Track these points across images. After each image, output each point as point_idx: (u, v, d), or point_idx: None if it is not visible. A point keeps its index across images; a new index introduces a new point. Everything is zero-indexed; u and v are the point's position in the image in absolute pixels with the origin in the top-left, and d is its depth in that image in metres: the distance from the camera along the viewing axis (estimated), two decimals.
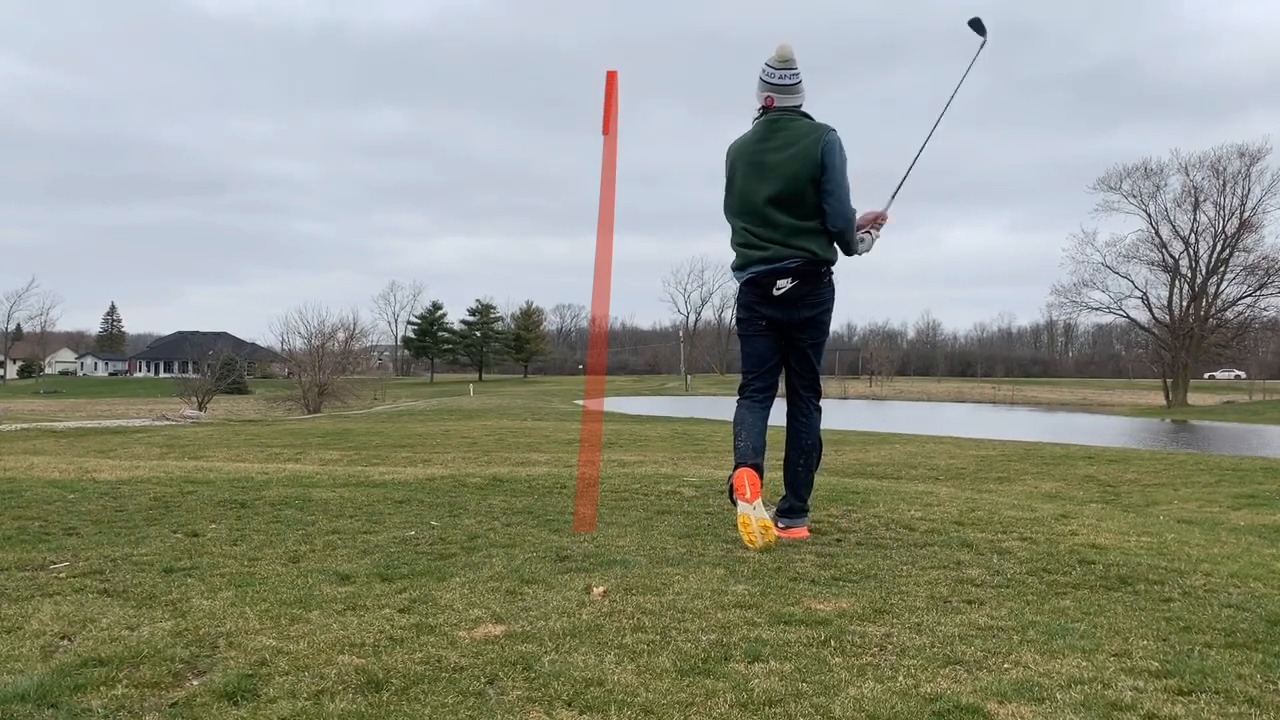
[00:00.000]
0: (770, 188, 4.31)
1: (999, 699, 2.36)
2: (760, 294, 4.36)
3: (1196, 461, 12.27)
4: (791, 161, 4.29)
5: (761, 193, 4.32)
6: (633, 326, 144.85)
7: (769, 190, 4.31)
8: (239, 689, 2.37)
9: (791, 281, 4.30)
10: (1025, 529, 4.78)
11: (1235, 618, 3.17)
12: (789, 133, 4.34)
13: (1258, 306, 61.59)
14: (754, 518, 4.08)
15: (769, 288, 4.33)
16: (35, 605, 3.12)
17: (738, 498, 4.18)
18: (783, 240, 4.29)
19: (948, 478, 10.49)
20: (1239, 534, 5.97)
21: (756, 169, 4.35)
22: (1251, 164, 59.43)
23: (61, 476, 6.89)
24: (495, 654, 2.65)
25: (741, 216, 4.41)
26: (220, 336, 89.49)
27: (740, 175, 4.40)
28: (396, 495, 5.77)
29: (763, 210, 4.32)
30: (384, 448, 15.14)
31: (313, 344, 43.15)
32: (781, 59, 4.37)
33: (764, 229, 4.32)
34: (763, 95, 4.41)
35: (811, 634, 2.85)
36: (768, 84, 4.39)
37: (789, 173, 4.28)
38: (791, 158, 4.29)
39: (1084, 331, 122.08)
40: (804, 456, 4.59)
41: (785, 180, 4.28)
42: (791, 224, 4.29)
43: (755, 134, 4.42)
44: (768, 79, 4.39)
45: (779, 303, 4.35)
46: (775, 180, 4.30)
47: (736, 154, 4.45)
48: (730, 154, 4.50)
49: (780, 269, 4.30)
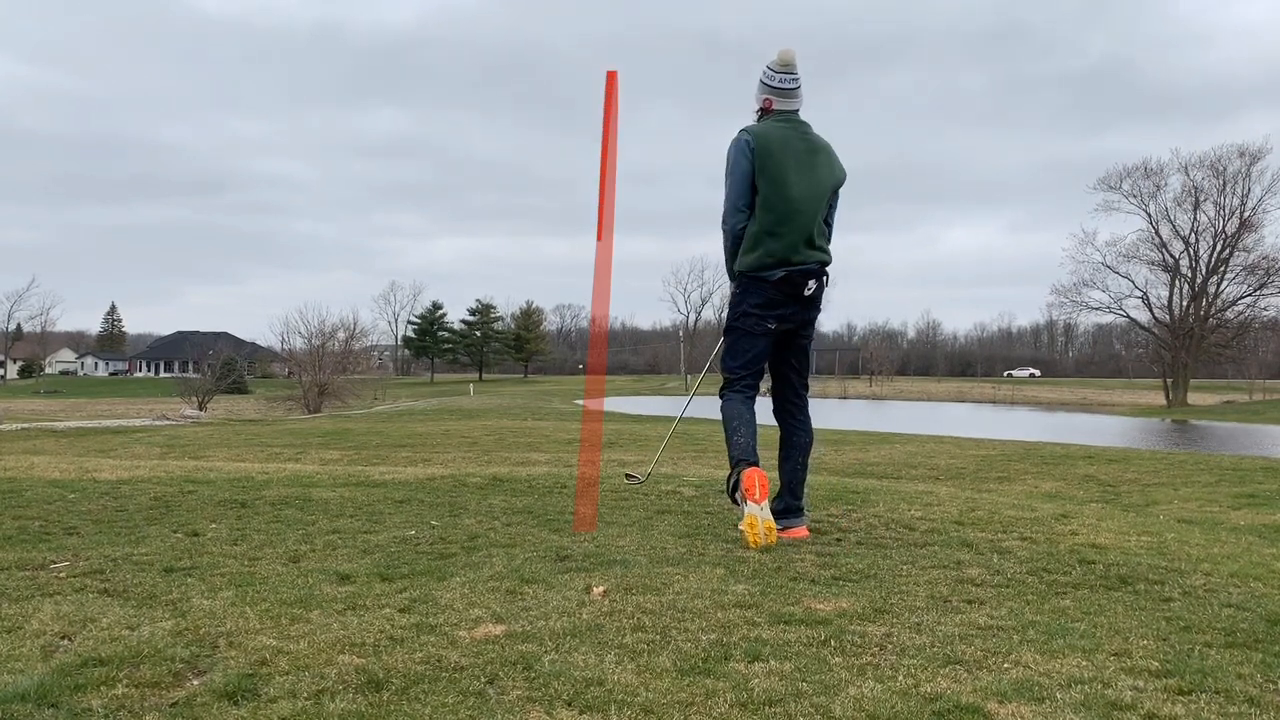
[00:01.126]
0: (818, 190, 4.40)
1: (999, 699, 2.36)
2: (790, 293, 4.38)
3: (1196, 461, 12.28)
4: (827, 169, 4.44)
5: (814, 195, 4.38)
6: (633, 326, 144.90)
7: (817, 192, 4.39)
8: (239, 689, 2.37)
9: (817, 282, 4.42)
10: (1025, 529, 4.78)
11: (1235, 618, 3.18)
12: (815, 140, 4.46)
13: (1258, 306, 61.58)
14: (761, 519, 4.09)
15: (801, 287, 4.38)
16: (35, 605, 3.12)
17: (747, 498, 4.14)
18: (818, 244, 4.41)
19: (948, 477, 10.50)
20: (1239, 534, 5.97)
21: (807, 170, 4.37)
22: (1252, 164, 59.40)
23: (62, 476, 6.89)
24: (495, 654, 2.65)
25: (789, 216, 4.33)
26: (220, 336, 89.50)
27: (792, 174, 4.34)
28: (396, 495, 5.77)
29: (812, 212, 4.38)
30: (384, 448, 15.14)
31: (313, 344, 43.16)
32: (784, 63, 4.41)
33: (809, 231, 4.37)
34: (762, 97, 4.45)
35: (811, 634, 2.86)
36: (769, 87, 4.42)
37: (826, 179, 4.43)
38: (826, 165, 4.43)
39: (1084, 331, 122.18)
40: (804, 455, 4.61)
41: (824, 186, 4.42)
42: (822, 228, 4.46)
43: (792, 134, 4.41)
44: (769, 82, 4.43)
45: (805, 303, 4.44)
46: (818, 184, 4.40)
47: (779, 150, 4.33)
48: (763, 146, 4.32)
49: (811, 270, 4.39)
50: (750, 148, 4.34)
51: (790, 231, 4.33)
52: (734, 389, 4.48)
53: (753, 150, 4.33)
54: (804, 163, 4.37)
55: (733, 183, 4.38)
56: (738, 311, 4.49)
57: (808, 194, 4.35)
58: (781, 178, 4.32)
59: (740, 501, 4.23)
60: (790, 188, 4.32)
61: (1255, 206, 60.21)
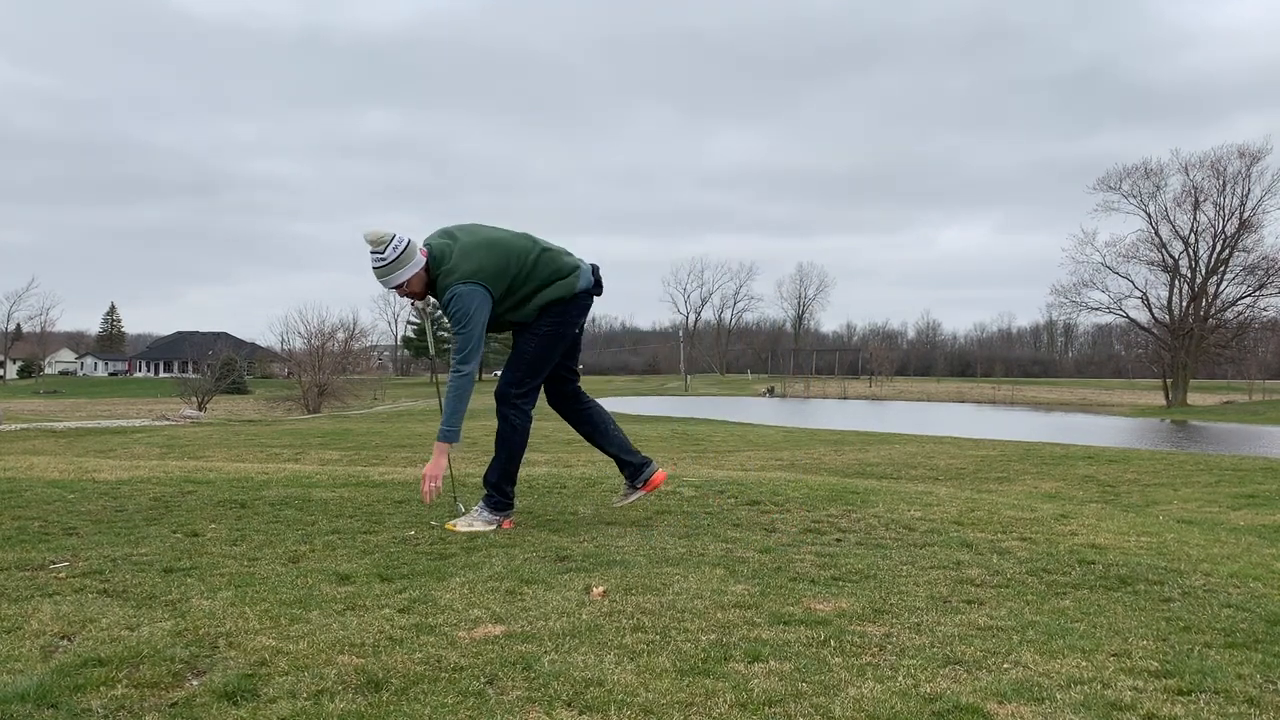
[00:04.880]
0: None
1: (999, 699, 2.37)
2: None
3: (1196, 461, 12.28)
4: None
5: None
6: (633, 327, 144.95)
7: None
8: (239, 689, 2.37)
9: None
10: (1025, 529, 4.78)
11: (1235, 618, 3.18)
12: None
13: (1257, 306, 61.55)
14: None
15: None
16: (35, 605, 3.12)
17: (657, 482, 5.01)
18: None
19: (948, 478, 10.49)
20: (1239, 534, 5.98)
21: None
22: (1251, 164, 59.40)
23: (61, 476, 6.88)
24: (495, 654, 2.65)
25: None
26: (220, 336, 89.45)
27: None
28: (396, 495, 5.77)
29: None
30: (384, 448, 15.13)
31: (312, 344, 43.08)
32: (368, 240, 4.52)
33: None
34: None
35: (811, 634, 2.86)
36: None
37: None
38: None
39: (1084, 332, 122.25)
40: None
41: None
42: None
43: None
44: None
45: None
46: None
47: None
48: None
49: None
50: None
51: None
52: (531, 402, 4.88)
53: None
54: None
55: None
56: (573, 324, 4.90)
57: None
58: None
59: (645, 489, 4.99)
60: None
61: (1255, 207, 60.26)
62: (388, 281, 4.54)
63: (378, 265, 4.50)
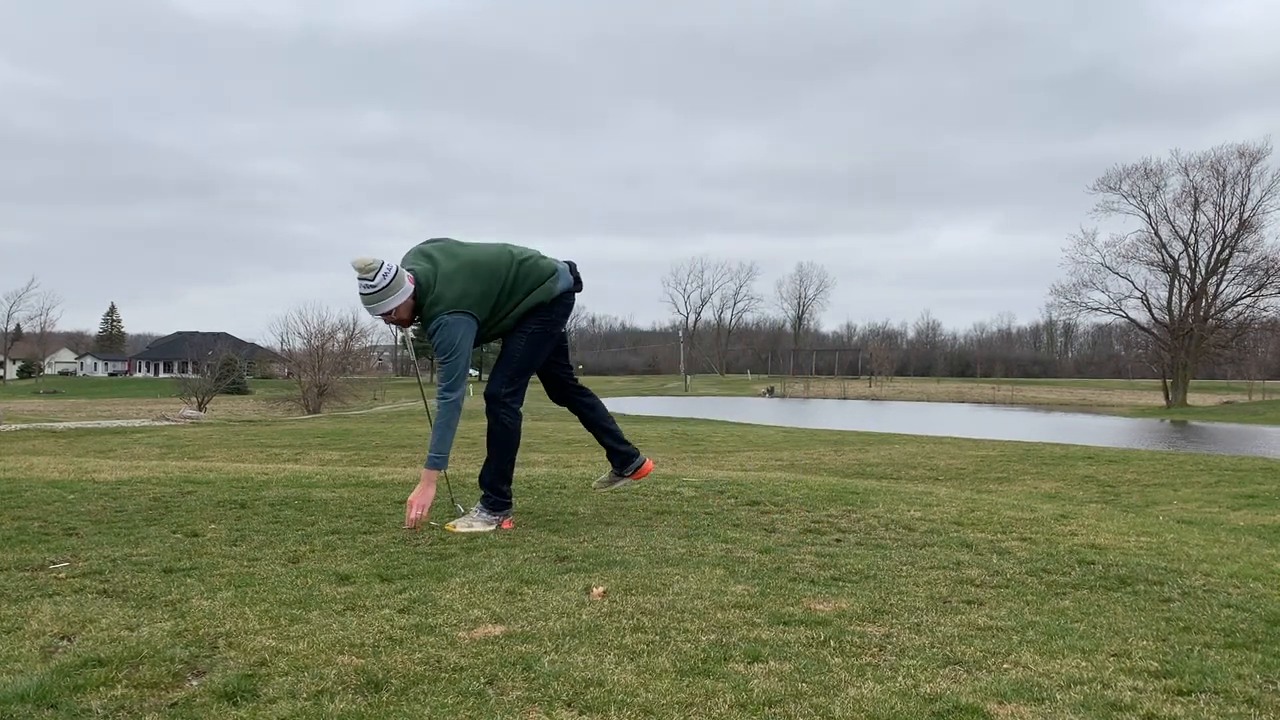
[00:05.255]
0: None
1: (999, 699, 2.37)
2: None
3: (1196, 461, 12.28)
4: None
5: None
6: (632, 327, 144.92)
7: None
8: (239, 689, 2.37)
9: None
10: (1025, 529, 4.78)
11: (1235, 618, 3.18)
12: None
13: (1257, 307, 61.53)
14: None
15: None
16: (35, 605, 3.12)
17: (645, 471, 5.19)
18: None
19: (947, 478, 10.49)
20: (1239, 534, 5.98)
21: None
22: (1251, 164, 59.38)
23: (61, 477, 6.88)
24: (495, 654, 2.65)
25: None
26: (220, 337, 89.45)
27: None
28: (396, 495, 5.77)
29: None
30: (384, 448, 15.13)
31: (312, 344, 43.09)
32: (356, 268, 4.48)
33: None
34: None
35: (811, 634, 2.86)
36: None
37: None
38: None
39: (1084, 332, 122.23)
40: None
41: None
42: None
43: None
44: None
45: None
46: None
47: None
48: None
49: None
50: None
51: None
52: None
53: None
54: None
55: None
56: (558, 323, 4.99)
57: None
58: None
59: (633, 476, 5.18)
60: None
61: (1255, 207, 60.25)
62: (376, 309, 4.52)
63: (366, 293, 4.48)
